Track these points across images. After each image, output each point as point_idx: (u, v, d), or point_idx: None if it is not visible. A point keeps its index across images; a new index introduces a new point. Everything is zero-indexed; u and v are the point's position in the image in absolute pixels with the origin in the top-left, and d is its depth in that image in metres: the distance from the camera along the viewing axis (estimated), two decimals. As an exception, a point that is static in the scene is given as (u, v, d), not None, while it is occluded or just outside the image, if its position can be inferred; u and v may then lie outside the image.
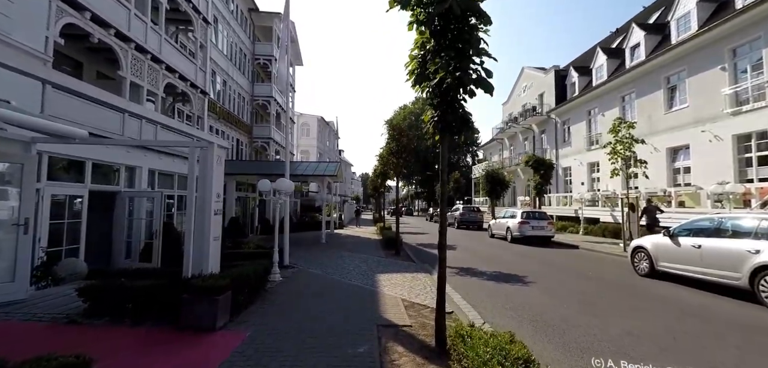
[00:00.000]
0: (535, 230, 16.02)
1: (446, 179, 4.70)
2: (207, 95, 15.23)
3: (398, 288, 7.78)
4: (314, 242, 17.13)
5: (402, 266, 10.41)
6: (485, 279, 8.82)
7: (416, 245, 16.38)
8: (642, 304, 6.66)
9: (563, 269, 10.24)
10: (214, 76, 20.25)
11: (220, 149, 6.19)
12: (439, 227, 4.67)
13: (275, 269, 8.53)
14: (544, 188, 19.21)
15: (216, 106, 19.63)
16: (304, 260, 11.51)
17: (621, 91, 22.33)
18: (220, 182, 6.26)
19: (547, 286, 8.06)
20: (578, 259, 12.32)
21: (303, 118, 46.37)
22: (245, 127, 24.90)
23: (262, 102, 26.41)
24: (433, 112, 4.47)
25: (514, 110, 37.37)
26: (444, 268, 4.57)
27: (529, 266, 10.75)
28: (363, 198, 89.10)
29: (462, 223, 26.65)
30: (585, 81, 27.63)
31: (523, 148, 35.97)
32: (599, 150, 24.25)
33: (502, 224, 17.98)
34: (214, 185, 5.92)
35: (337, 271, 9.76)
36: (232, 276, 5.46)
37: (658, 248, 8.59)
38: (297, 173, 19.18)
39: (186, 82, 13.45)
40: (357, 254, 13.14)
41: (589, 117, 25.97)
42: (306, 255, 12.70)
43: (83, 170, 8.97)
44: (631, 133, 12.89)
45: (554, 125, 30.07)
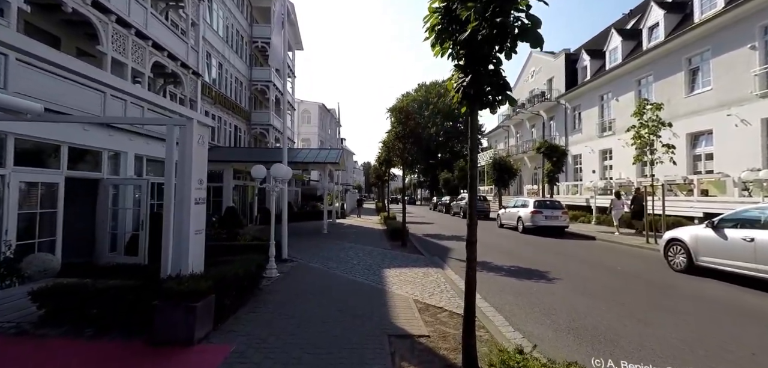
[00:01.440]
0: (549, 220, 15.14)
1: (476, 160, 3.79)
2: (200, 77, 14.29)
3: (408, 285, 6.93)
4: (315, 232, 16.31)
5: (410, 260, 9.57)
6: (504, 274, 7.95)
7: (423, 236, 15.54)
8: (691, 306, 5.78)
9: (587, 263, 9.38)
10: (209, 59, 19.26)
11: (202, 127, 5.29)
12: (467, 219, 3.78)
13: (271, 264, 7.69)
14: (556, 176, 18.25)
15: (211, 90, 18.68)
16: (304, 253, 10.68)
17: (637, 74, 21.22)
18: (203, 165, 5.37)
19: (575, 283, 7.19)
20: (599, 251, 11.44)
21: (303, 105, 45.27)
22: (243, 113, 23.96)
23: (260, 87, 25.41)
24: (460, 75, 3.54)
25: (521, 96, 36.21)
26: (474, 271, 3.69)
27: (548, 259, 9.89)
28: (365, 187, 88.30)
29: (468, 212, 25.73)
30: (597, 65, 26.48)
31: (530, 135, 34.93)
32: (612, 137, 23.27)
33: (513, 213, 17.09)
34: (195, 170, 5.03)
35: (340, 265, 8.92)
36: (217, 276, 4.61)
37: (698, 241, 7.69)
38: (297, 161, 18.29)
39: (176, 61, 12.50)
40: (360, 245, 12.31)
41: (602, 103, 24.89)
42: (306, 247, 11.87)
43: (59, 155, 8.10)
44: (658, 115, 11.88)
45: (564, 111, 28.98)
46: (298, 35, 33.26)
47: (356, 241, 13.48)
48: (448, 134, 56.42)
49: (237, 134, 23.30)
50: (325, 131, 50.33)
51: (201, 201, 5.23)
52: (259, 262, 6.13)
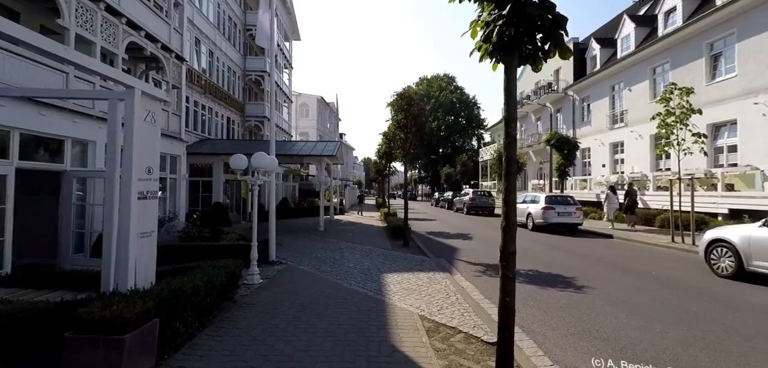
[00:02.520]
0: (562, 216, 14.04)
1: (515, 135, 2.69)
2: (184, 62, 13.14)
3: (413, 296, 5.84)
4: (311, 230, 15.24)
5: (413, 262, 8.48)
6: (523, 280, 6.86)
7: (426, 233, 14.45)
8: (764, 325, 4.70)
9: (615, 267, 8.29)
10: (198, 45, 18.12)
11: (150, 100, 4.19)
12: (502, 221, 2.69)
13: (253, 269, 6.61)
14: (567, 169, 17.13)
15: (200, 78, 17.54)
16: (296, 254, 9.60)
17: (652, 62, 20.03)
18: (153, 149, 4.28)
19: (611, 293, 6.10)
20: (624, 252, 10.34)
21: (301, 98, 44.06)
22: (237, 104, 22.82)
23: (255, 77, 24.26)
24: (492, 10, 2.44)
25: (526, 88, 35.00)
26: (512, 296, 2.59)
27: (570, 262, 8.80)
28: (365, 183, 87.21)
29: (472, 208, 24.69)
30: (607, 54, 25.27)
31: (536, 129, 33.76)
32: (624, 129, 22.11)
33: (521, 209, 15.98)
34: (140, 154, 3.94)
35: (334, 269, 7.84)
36: (165, 293, 3.53)
37: (751, 243, 6.59)
38: (291, 153, 17.20)
39: (156, 43, 11.36)
40: (359, 245, 11.24)
41: (613, 93, 23.71)
42: (299, 247, 10.80)
43: (7, 143, 7.00)
44: (688, 101, 10.73)
45: (572, 102, 27.80)
46: (295, 24, 32.06)
47: (354, 240, 12.41)
48: (450, 129, 55.27)
49: (230, 127, 22.18)
50: (324, 126, 49.14)
51: (151, 195, 4.13)
52: (231, 270, 5.03)
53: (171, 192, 12.35)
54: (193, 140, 17.26)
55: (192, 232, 9.65)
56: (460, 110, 54.19)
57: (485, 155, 40.53)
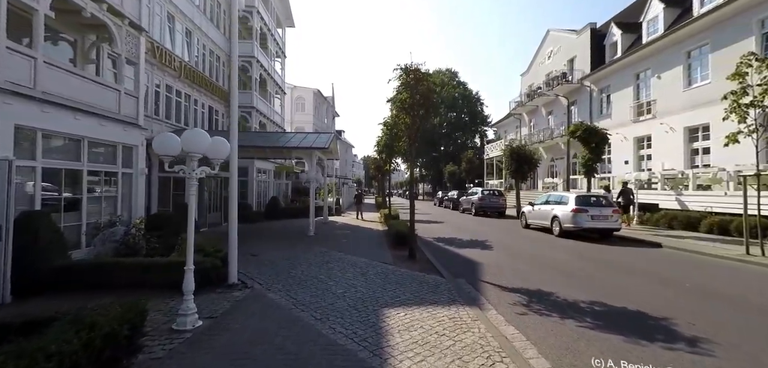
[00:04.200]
0: (596, 220, 11.79)
1: None
2: (143, 32, 10.87)
3: (432, 356, 3.62)
4: (299, 235, 13.00)
5: (425, 287, 6.24)
6: (593, 325, 4.61)
7: (433, 240, 12.20)
8: None
9: (704, 295, 6.06)
10: (171, 22, 15.84)
11: None
12: None
13: (186, 307, 4.36)
14: (595, 165, 14.88)
15: (172, 58, 15.25)
16: (270, 270, 7.37)
17: (686, 44, 17.76)
18: None
19: (732, 344, 3.87)
20: (693, 269, 8.09)
21: (297, 91, 41.73)
22: (221, 92, 20.52)
23: (241, 63, 21.92)
24: None
25: (537, 80, 32.76)
26: None
27: (639, 287, 6.56)
28: (365, 181, 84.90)
29: (480, 209, 22.46)
30: (630, 39, 23.03)
31: (547, 123, 31.53)
32: (651, 121, 19.85)
33: (545, 212, 13.74)
34: None
35: (316, 298, 5.60)
36: None
37: None
38: (278, 146, 14.96)
39: (100, 4, 9.08)
40: (353, 256, 9.00)
41: (637, 82, 21.47)
42: (279, 258, 8.57)
43: None
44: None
45: (589, 94, 25.55)
46: (288, 10, 29.77)
47: (348, 249, 10.17)
48: (452, 126, 53.03)
49: (213, 117, 19.88)
50: (321, 120, 46.81)
51: None
52: (129, 320, 2.78)
53: (124, 190, 10.11)
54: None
55: (134, 242, 7.40)
56: (463, 105, 51.97)
57: (491, 152, 38.27)
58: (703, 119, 16.67)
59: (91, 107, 8.86)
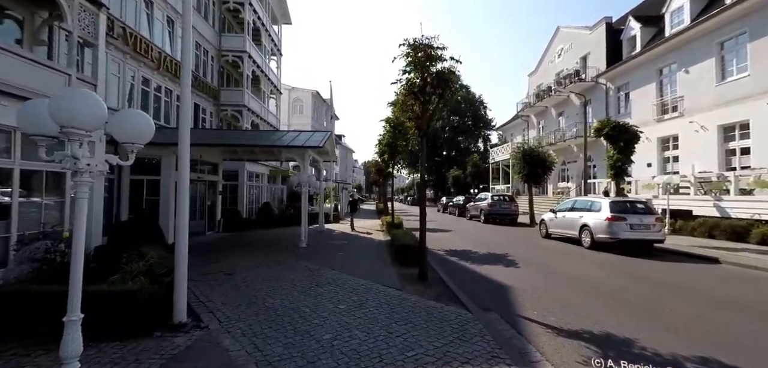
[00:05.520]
0: (636, 230, 10.03)
1: None
2: (102, 8, 9.22)
3: None
4: (289, 246, 11.26)
5: (448, 330, 4.51)
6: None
7: (444, 253, 10.46)
8: None
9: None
10: (149, 8, 14.20)
11: None
12: None
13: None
14: (625, 166, 13.14)
15: (148, 48, 13.59)
16: (240, 298, 5.64)
17: (718, 35, 16.11)
18: None
19: None
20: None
21: (295, 92, 40.12)
22: (209, 89, 18.88)
23: (232, 59, 20.34)
24: None
25: (546, 80, 31.14)
26: None
27: (729, 321, 4.85)
28: (365, 187, 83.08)
29: (490, 216, 20.70)
30: (650, 33, 21.42)
31: (557, 125, 29.84)
32: (678, 119, 18.14)
33: (571, 220, 11.99)
34: None
35: (293, 349, 3.87)
36: None
37: None
38: (266, 145, 13.28)
39: (42, -32, 7.43)
40: (349, 276, 7.26)
41: (661, 78, 19.81)
42: (256, 280, 6.83)
43: None
44: None
45: (605, 92, 23.89)
46: (284, 6, 28.21)
47: (344, 265, 8.42)
48: (455, 130, 51.37)
49: (199, 116, 18.20)
50: (321, 124, 45.10)
51: None
52: None
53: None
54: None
55: (61, 260, 5.67)
56: (466, 109, 50.34)
57: (497, 156, 36.56)
58: (740, 116, 15.01)
59: (28, 92, 7.18)
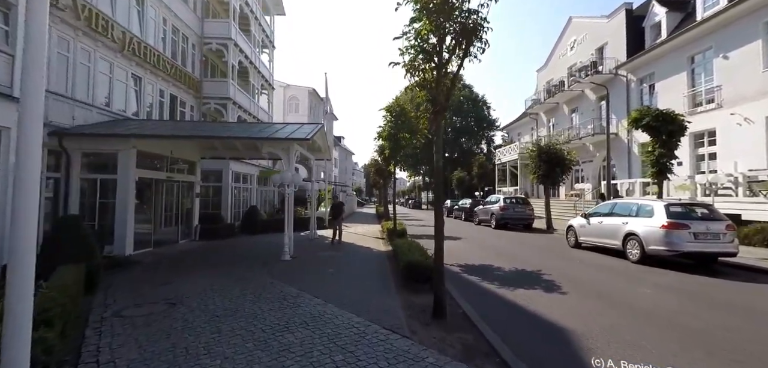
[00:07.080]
0: (702, 241, 7.97)
1: None
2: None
3: None
4: (267, 260, 9.22)
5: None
6: None
7: (459, 270, 8.40)
8: None
9: None
10: (111, -20, 12.19)
11: None
12: None
13: None
14: (670, 163, 11.06)
15: (108, 26, 11.56)
16: (164, 351, 3.55)
17: (765, 13, 14.10)
18: None
19: None
20: None
21: (290, 90, 38.13)
22: (189, 80, 16.87)
23: (215, 47, 18.35)
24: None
25: (556, 75, 29.18)
26: None
27: None
28: (366, 190, 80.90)
29: (502, 221, 18.64)
30: (677, 18, 19.48)
31: (570, 122, 27.82)
32: (715, 111, 16.10)
33: (611, 227, 9.92)
34: None
35: None
36: None
37: None
38: (244, 137, 11.25)
39: None
40: (337, 309, 5.22)
41: (692, 66, 17.81)
42: (203, 316, 4.77)
43: None
44: None
45: (625, 84, 21.88)
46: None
47: (332, 289, 6.38)
48: (458, 131, 49.30)
49: (176, 108, 16.16)
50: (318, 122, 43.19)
51: None
52: None
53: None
54: (101, 118, 11.34)
55: None
56: (469, 110, 48.31)
57: (503, 157, 34.53)
58: (796, 105, 13.02)
59: None
